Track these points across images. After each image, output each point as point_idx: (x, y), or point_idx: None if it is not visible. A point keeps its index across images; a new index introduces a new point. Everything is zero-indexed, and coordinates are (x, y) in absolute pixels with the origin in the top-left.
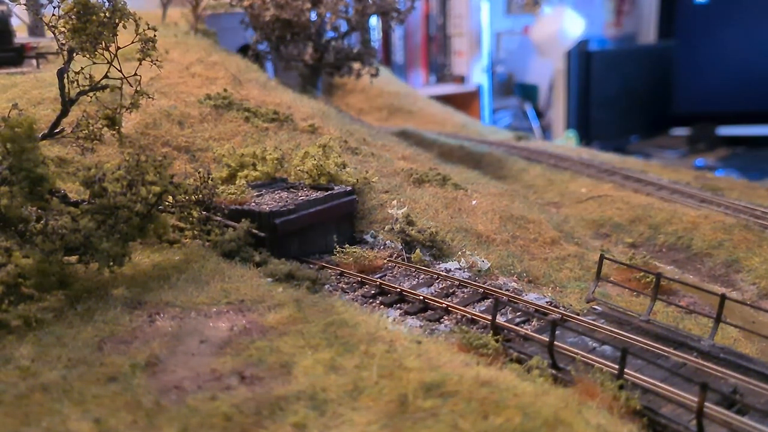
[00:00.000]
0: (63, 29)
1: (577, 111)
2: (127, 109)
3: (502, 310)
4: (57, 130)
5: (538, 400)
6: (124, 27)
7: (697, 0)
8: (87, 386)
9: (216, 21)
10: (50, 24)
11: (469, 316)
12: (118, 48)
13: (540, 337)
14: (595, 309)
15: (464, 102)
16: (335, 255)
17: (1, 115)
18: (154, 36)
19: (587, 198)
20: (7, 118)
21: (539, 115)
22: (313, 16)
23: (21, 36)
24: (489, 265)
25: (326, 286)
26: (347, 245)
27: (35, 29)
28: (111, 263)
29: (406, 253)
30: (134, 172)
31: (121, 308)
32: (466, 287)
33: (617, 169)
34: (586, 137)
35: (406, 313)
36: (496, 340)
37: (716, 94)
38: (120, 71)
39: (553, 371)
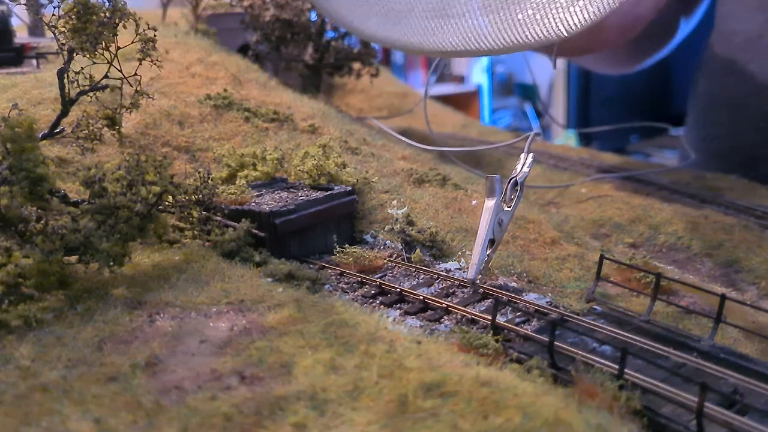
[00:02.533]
0: (63, 29)
1: (577, 111)
2: (127, 109)
3: (502, 310)
4: (57, 130)
5: (538, 400)
6: (124, 27)
7: None
8: (87, 386)
9: (216, 21)
10: (50, 24)
11: (469, 316)
12: (118, 48)
13: (540, 337)
14: (595, 309)
15: (464, 102)
16: (335, 255)
17: (1, 115)
18: (154, 36)
19: (587, 198)
20: (7, 118)
21: (539, 115)
22: (313, 16)
23: (21, 36)
24: (489, 265)
25: (326, 286)
26: (347, 245)
27: (35, 29)
28: (111, 263)
29: (406, 253)
30: (134, 172)
31: (121, 308)
32: (466, 287)
33: (617, 169)
34: (586, 137)
35: (406, 313)
36: (496, 340)
37: None
38: (120, 71)
39: (553, 371)
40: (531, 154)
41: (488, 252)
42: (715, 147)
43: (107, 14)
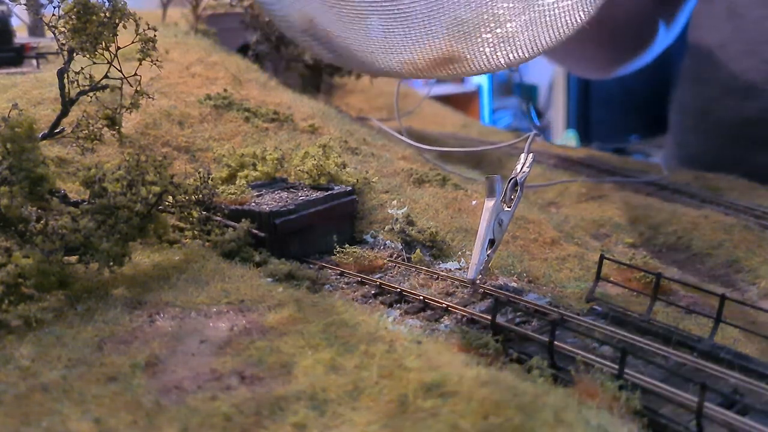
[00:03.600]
0: (63, 29)
1: (577, 111)
2: (127, 109)
3: (502, 310)
4: (57, 130)
5: (538, 400)
6: (124, 27)
7: None
8: (87, 386)
9: (216, 21)
10: (50, 24)
11: (469, 316)
12: (118, 48)
13: (540, 337)
14: (595, 309)
15: (464, 102)
16: (335, 255)
17: (1, 115)
18: (154, 36)
19: (587, 198)
20: (7, 118)
21: (539, 115)
22: None
23: (21, 36)
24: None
25: (326, 286)
26: (347, 245)
27: (35, 29)
28: (111, 263)
29: (406, 253)
30: (134, 172)
31: (121, 308)
32: (466, 287)
33: (617, 169)
34: (586, 137)
35: (406, 312)
36: (496, 340)
37: None
38: (120, 71)
39: (553, 371)
40: (531, 154)
41: (488, 252)
42: (687, 153)
43: (107, 14)
